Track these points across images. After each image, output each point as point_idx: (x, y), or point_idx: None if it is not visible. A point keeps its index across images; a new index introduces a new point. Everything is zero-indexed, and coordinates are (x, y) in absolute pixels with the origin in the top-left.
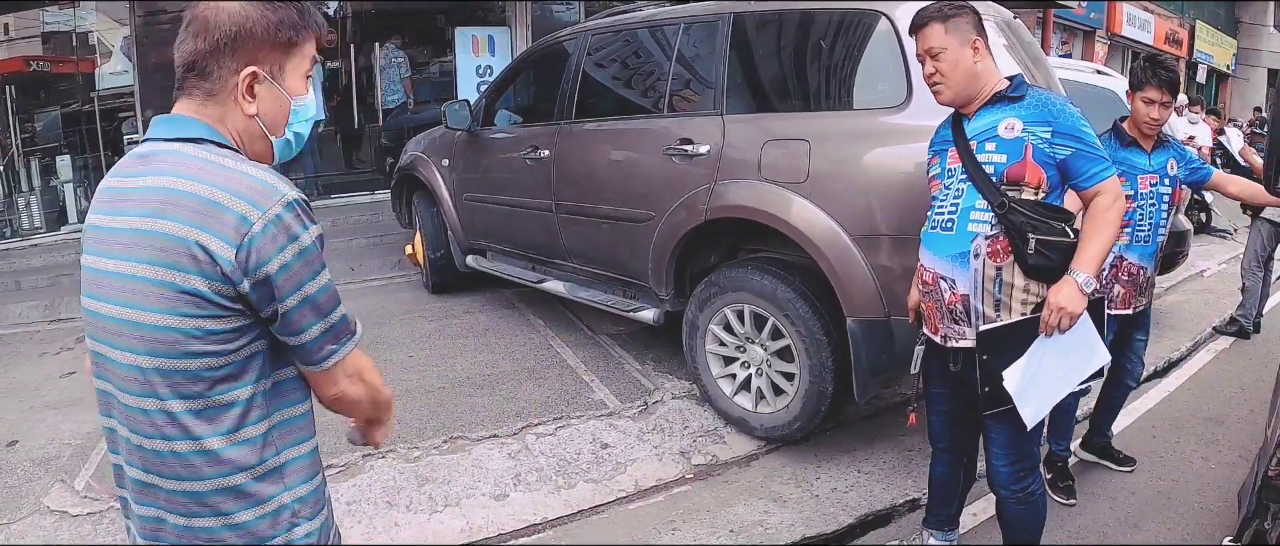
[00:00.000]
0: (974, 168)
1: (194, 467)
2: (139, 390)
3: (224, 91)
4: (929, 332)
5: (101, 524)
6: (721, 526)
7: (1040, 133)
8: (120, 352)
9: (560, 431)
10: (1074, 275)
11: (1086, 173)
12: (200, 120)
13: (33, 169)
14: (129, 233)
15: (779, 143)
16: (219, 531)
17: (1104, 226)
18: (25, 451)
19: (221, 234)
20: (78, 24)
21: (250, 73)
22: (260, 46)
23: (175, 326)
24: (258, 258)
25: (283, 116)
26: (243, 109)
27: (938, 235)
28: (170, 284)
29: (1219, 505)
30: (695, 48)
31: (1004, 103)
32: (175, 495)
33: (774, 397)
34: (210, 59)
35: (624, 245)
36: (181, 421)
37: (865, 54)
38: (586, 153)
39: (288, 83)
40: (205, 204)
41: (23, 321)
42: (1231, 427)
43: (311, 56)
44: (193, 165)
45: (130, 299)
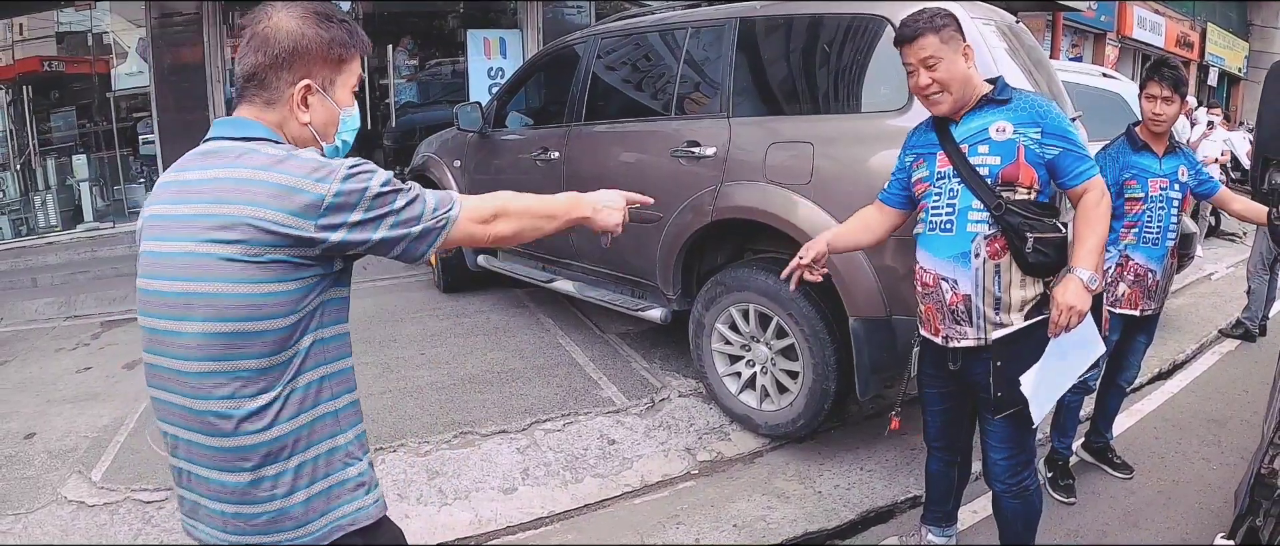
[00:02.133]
0: (968, 171)
1: (261, 417)
2: (205, 355)
3: (281, 100)
4: (928, 334)
5: (118, 514)
6: (725, 521)
7: (1030, 133)
8: (188, 324)
9: (568, 427)
10: (1077, 273)
11: (1074, 171)
12: (261, 123)
13: (49, 168)
14: (199, 217)
15: (784, 145)
16: (330, 455)
17: (1096, 222)
18: (42, 443)
19: (296, 210)
20: (93, 25)
21: (305, 85)
22: (314, 61)
23: (248, 293)
24: (336, 219)
25: (333, 125)
26: (298, 117)
27: (937, 236)
28: (244, 258)
29: (1219, 505)
30: (703, 51)
31: (991, 106)
32: (271, 445)
33: (778, 395)
34: (269, 71)
35: (632, 246)
36: (249, 379)
37: (868, 58)
38: (596, 154)
39: (337, 95)
40: (279, 188)
41: (39, 317)
42: (1234, 429)
43: (357, 72)
44: (261, 158)
45: (201, 274)
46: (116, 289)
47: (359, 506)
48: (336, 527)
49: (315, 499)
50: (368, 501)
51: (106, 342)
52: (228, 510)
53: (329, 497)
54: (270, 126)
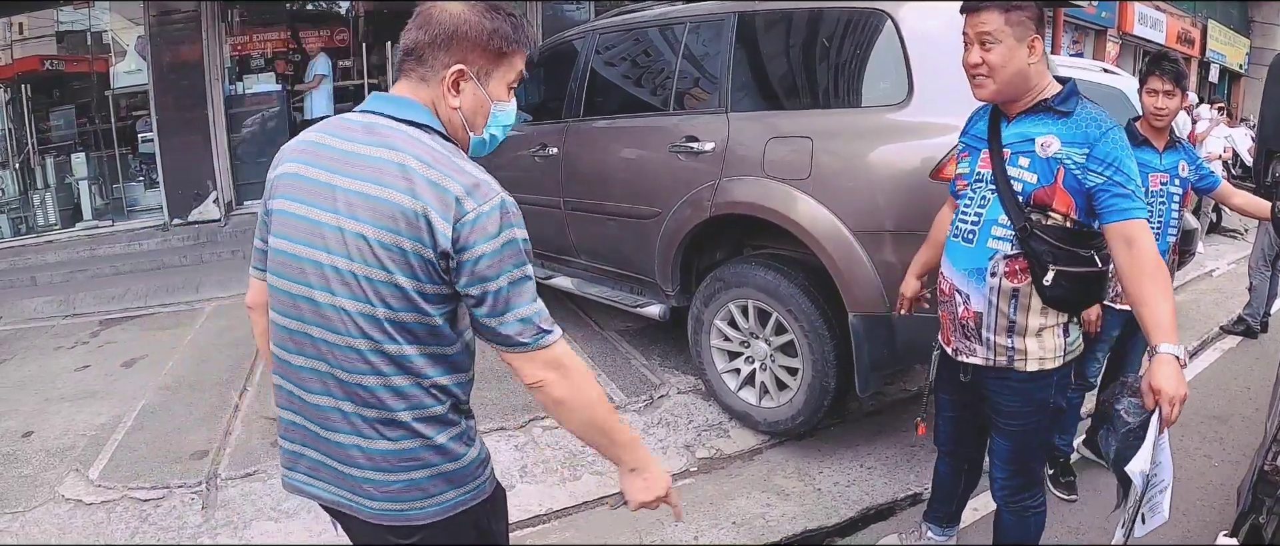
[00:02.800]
0: (1002, 181)
1: (403, 398)
2: (353, 332)
3: (434, 78)
4: (942, 342)
5: (115, 512)
6: (724, 518)
7: (1075, 156)
8: (343, 299)
9: None
10: (1167, 351)
11: (1116, 207)
12: (420, 103)
13: (48, 167)
14: (355, 194)
15: (783, 140)
16: (421, 450)
17: (1165, 282)
18: (40, 442)
19: (445, 214)
20: (92, 23)
21: (458, 70)
22: (472, 48)
23: (387, 281)
24: (468, 240)
25: (483, 115)
26: (448, 100)
27: (958, 245)
28: (396, 247)
29: (1221, 503)
30: (701, 46)
31: (1047, 114)
32: (374, 421)
33: (777, 392)
34: (427, 49)
35: (631, 241)
36: (383, 360)
37: (868, 52)
38: (594, 150)
39: (491, 87)
40: (436, 187)
41: (38, 316)
42: (1235, 426)
43: (519, 70)
44: (425, 150)
45: (354, 253)
46: (115, 287)
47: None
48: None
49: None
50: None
51: (105, 341)
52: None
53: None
54: (426, 105)
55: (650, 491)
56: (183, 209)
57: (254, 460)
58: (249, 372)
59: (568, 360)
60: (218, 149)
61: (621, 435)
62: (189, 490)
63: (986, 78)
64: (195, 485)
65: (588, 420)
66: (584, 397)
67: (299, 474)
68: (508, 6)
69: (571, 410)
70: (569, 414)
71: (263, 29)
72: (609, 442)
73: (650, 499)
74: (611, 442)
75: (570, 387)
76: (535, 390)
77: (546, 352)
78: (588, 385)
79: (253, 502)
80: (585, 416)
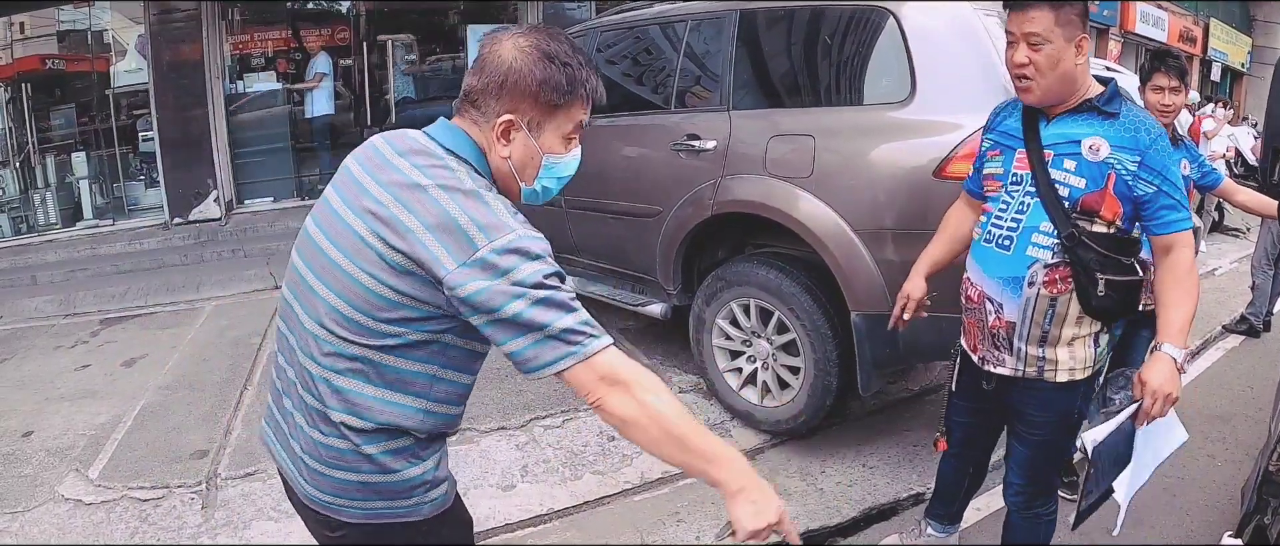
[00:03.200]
0: (1045, 185)
1: (344, 400)
2: (325, 324)
3: (487, 125)
4: (966, 348)
5: (114, 512)
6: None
7: (1127, 162)
8: (327, 291)
9: (567, 424)
10: (1167, 351)
11: (1164, 219)
12: (473, 141)
13: (48, 166)
14: (375, 200)
15: (785, 138)
16: (347, 452)
17: (1191, 288)
18: (40, 441)
19: (448, 246)
20: (93, 23)
21: (506, 120)
22: (523, 98)
23: (383, 292)
24: (466, 278)
25: (533, 167)
26: (497, 150)
27: (992, 252)
28: (389, 258)
29: (1224, 503)
30: (703, 44)
31: (1093, 114)
32: (309, 409)
33: (779, 391)
34: (482, 95)
35: (632, 240)
36: (346, 360)
37: (871, 50)
38: (595, 148)
39: (544, 139)
40: (446, 216)
41: (38, 315)
42: (1238, 425)
43: (578, 120)
44: (451, 179)
45: (346, 246)
46: (115, 286)
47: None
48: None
49: None
50: None
51: (105, 340)
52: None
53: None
54: (477, 144)
55: (761, 516)
56: (183, 208)
57: (254, 460)
58: (249, 372)
59: (631, 365)
60: (218, 148)
61: (714, 450)
62: (189, 490)
63: (1032, 80)
64: (195, 485)
65: (655, 423)
66: (670, 406)
67: (268, 427)
68: (566, 53)
69: (651, 425)
70: (650, 432)
71: (263, 28)
72: (692, 461)
73: (761, 526)
74: (699, 460)
75: (636, 403)
76: (599, 412)
77: (586, 367)
78: (664, 391)
79: (253, 502)
80: (651, 421)
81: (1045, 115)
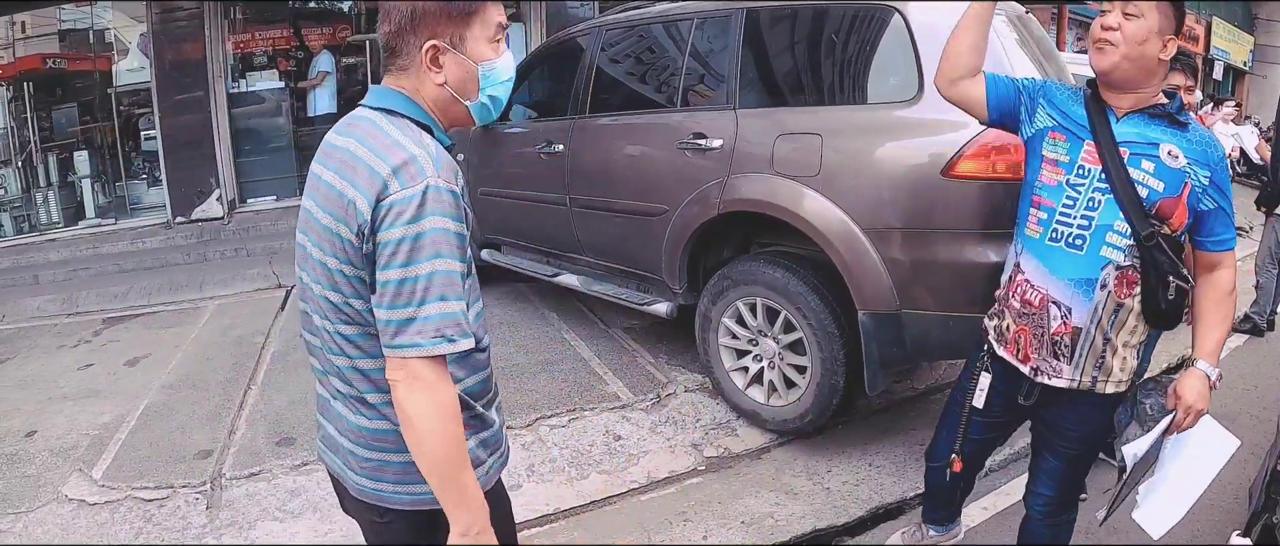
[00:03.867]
0: (1123, 181)
1: (368, 380)
2: (326, 316)
3: (414, 65)
4: (1011, 357)
5: (119, 512)
6: (732, 518)
7: (1201, 175)
8: (315, 284)
9: (573, 423)
10: (1201, 368)
11: (1219, 236)
12: (398, 91)
13: (51, 165)
14: (325, 185)
15: (791, 136)
16: (389, 434)
17: (1229, 309)
18: (43, 441)
19: (368, 194)
20: (94, 21)
21: (431, 46)
22: (437, 21)
23: (335, 269)
24: (381, 220)
25: (472, 82)
26: (432, 78)
27: (1061, 251)
28: (334, 232)
29: (1230, 502)
30: (708, 43)
31: (1167, 122)
32: (352, 399)
33: (786, 390)
34: (397, 38)
35: (638, 239)
36: (346, 343)
37: (877, 48)
38: (600, 147)
39: (470, 49)
40: (368, 168)
41: (40, 315)
42: (1244, 424)
43: (497, 22)
44: (373, 133)
45: (319, 241)
46: (118, 285)
47: None
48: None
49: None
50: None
51: (108, 340)
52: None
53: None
54: (407, 93)
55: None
56: (185, 207)
57: (258, 460)
58: (253, 371)
59: (439, 379)
60: (221, 147)
61: (465, 487)
62: (193, 490)
63: (1114, 47)
64: (199, 485)
65: (435, 454)
66: (440, 426)
67: (320, 443)
68: None
69: (416, 430)
70: (413, 433)
71: (265, 26)
72: (446, 488)
73: None
74: (448, 489)
75: (433, 411)
76: (392, 390)
77: (418, 364)
78: (447, 414)
79: (257, 503)
80: (433, 448)
81: (1113, 111)
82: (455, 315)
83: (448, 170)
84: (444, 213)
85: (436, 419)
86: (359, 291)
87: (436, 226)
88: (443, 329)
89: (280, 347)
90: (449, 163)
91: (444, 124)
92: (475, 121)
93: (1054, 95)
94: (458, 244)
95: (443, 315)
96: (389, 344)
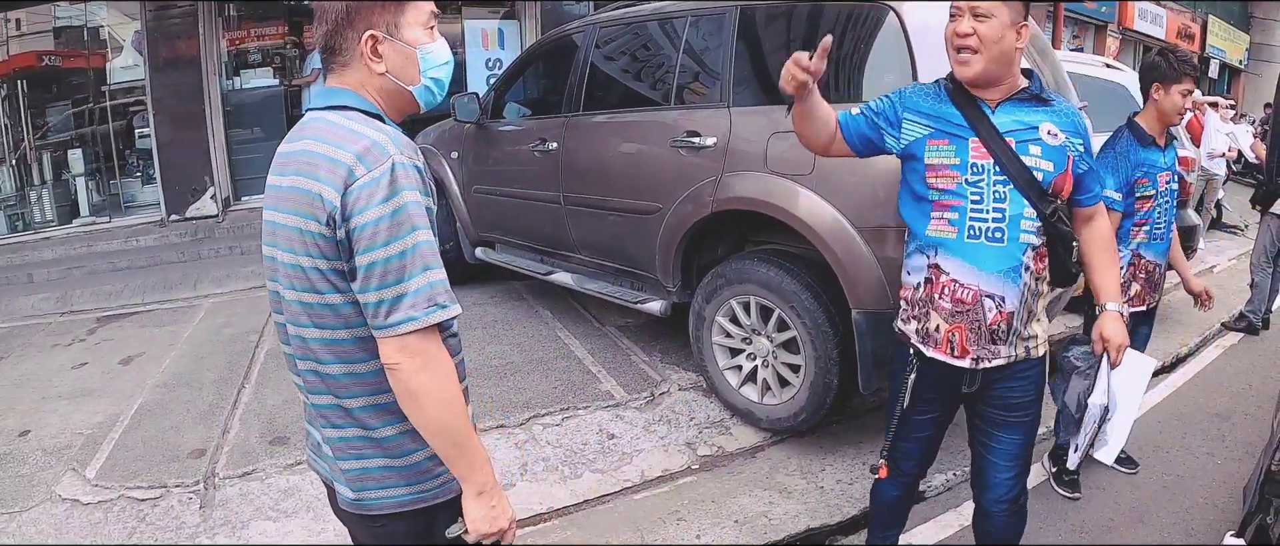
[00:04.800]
0: (1019, 171)
1: (339, 386)
2: (298, 322)
3: (355, 60)
4: (944, 357)
5: (112, 512)
6: (726, 517)
7: (1076, 144)
8: (286, 291)
9: (567, 422)
10: (1114, 308)
11: (1093, 190)
12: (344, 88)
13: (45, 163)
14: (287, 189)
15: (786, 134)
16: (360, 441)
17: (1114, 250)
18: (37, 441)
19: (333, 183)
20: (88, 19)
21: (370, 36)
22: (371, 12)
23: (310, 267)
24: (354, 205)
25: (412, 67)
26: (372, 69)
27: (982, 246)
28: (302, 230)
29: (1225, 501)
30: (702, 40)
31: (1036, 103)
32: (326, 409)
33: (780, 389)
34: (335, 37)
35: (631, 237)
36: (318, 347)
37: (871, 47)
38: (594, 145)
39: (407, 36)
40: (328, 160)
41: (35, 314)
42: (1238, 423)
43: (428, 10)
44: (326, 129)
45: (290, 245)
46: (112, 284)
47: None
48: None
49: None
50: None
51: (102, 338)
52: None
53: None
54: (352, 89)
55: (494, 521)
56: (180, 205)
57: (252, 459)
58: (247, 370)
59: (438, 349)
60: (215, 144)
61: (475, 449)
62: (186, 490)
63: (975, 53)
64: (192, 484)
65: (442, 421)
66: (444, 395)
67: (310, 451)
68: None
69: (423, 406)
70: (420, 409)
71: (260, 23)
72: (459, 453)
73: (492, 530)
74: (461, 454)
75: (431, 378)
76: (391, 374)
77: (415, 338)
78: (451, 382)
79: (251, 502)
80: (439, 415)
81: (986, 103)
82: (443, 282)
83: (408, 147)
84: (413, 186)
85: (443, 388)
86: (334, 284)
87: (409, 200)
88: (434, 297)
89: (274, 346)
90: (408, 142)
91: (392, 114)
92: (422, 107)
93: (916, 102)
94: (429, 217)
95: (431, 284)
96: (382, 324)
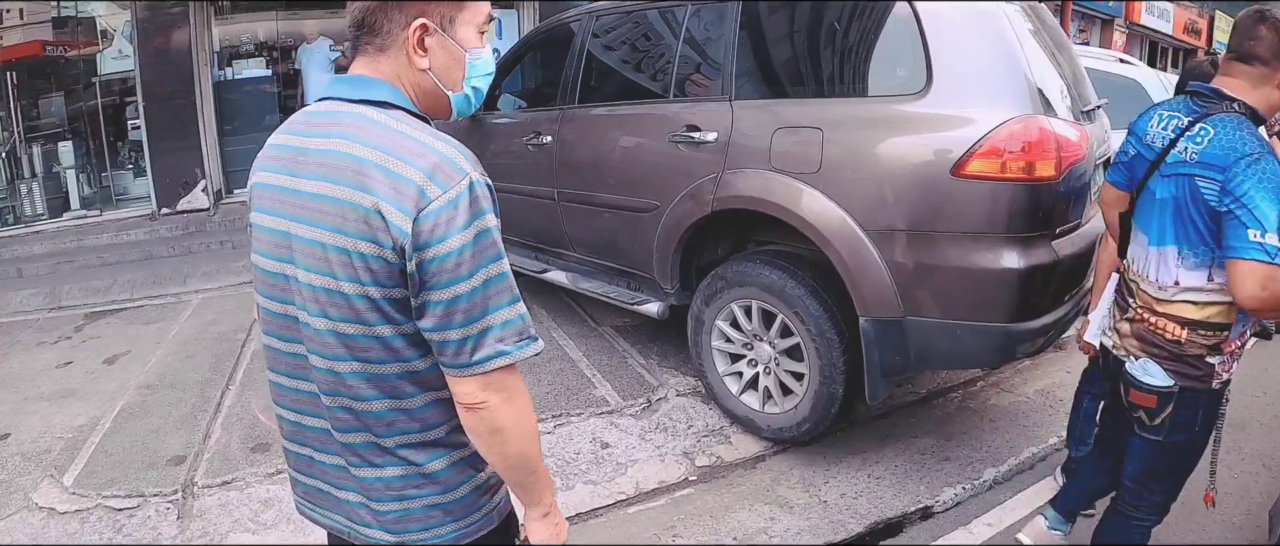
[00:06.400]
0: None
1: (381, 423)
2: (331, 354)
3: (395, 46)
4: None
5: (88, 521)
6: (724, 533)
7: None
8: (315, 318)
9: (559, 430)
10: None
11: None
12: (380, 79)
13: (35, 155)
14: (312, 196)
15: (790, 130)
16: (400, 481)
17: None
18: (16, 445)
19: (398, 203)
20: (79, 10)
21: (420, 24)
22: None
23: (356, 294)
24: (433, 234)
25: (458, 71)
26: (415, 62)
27: None
28: (349, 251)
29: (1242, 516)
30: (704, 30)
31: None
32: (361, 448)
33: (782, 397)
34: (379, 13)
35: (628, 235)
36: (357, 382)
37: (883, 38)
38: (590, 139)
39: (459, 35)
40: (386, 173)
41: (23, 309)
42: (1253, 433)
43: (487, 11)
44: (374, 131)
45: (322, 266)
46: (102, 278)
47: None
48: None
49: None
50: None
51: (89, 336)
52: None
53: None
54: (388, 81)
55: (558, 538)
56: (171, 198)
57: (232, 467)
58: (231, 371)
59: (519, 381)
60: (207, 137)
61: (545, 473)
62: (165, 499)
63: None
64: (171, 494)
65: (522, 454)
66: (527, 427)
67: (303, 500)
68: None
69: (507, 441)
70: (504, 444)
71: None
72: (533, 481)
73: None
74: (536, 481)
75: (515, 414)
76: (473, 412)
77: (502, 375)
78: (531, 413)
79: (230, 513)
80: (521, 449)
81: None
82: (526, 315)
83: (476, 161)
84: (492, 208)
85: (527, 421)
86: (386, 315)
87: (489, 226)
88: (524, 330)
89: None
90: (471, 153)
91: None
92: (453, 114)
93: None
94: (501, 240)
95: (522, 316)
96: (467, 362)
